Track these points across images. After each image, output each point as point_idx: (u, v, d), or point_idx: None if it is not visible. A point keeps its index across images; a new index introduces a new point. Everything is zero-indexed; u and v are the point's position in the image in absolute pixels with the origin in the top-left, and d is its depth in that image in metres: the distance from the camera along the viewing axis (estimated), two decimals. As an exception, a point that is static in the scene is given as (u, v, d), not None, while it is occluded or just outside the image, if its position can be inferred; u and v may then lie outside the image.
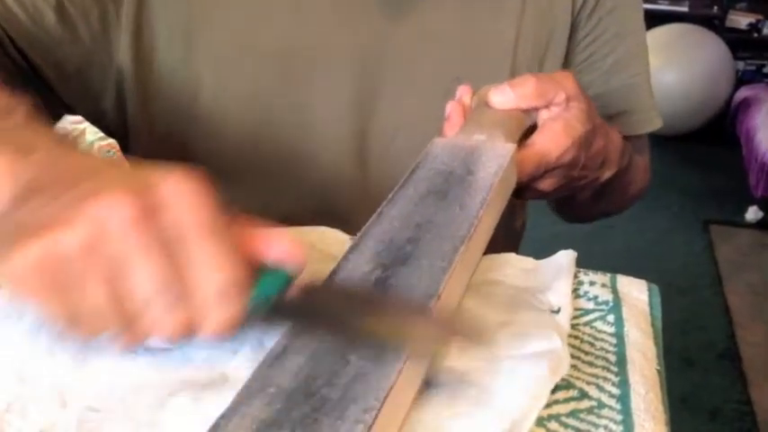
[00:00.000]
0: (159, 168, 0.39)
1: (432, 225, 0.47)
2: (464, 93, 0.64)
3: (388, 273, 0.43)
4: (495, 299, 0.51)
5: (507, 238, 0.89)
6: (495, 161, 0.54)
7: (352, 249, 0.46)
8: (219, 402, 0.39)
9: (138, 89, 0.71)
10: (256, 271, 0.39)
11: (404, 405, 0.39)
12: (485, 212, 0.49)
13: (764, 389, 1.98)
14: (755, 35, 4.00)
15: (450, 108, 0.63)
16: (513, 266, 0.56)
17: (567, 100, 0.61)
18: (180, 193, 0.37)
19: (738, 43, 3.86)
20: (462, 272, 0.46)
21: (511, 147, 0.56)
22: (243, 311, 0.38)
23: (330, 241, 0.59)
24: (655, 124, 0.84)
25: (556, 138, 0.60)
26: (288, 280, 0.40)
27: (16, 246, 0.36)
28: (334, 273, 0.43)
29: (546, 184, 0.64)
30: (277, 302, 0.40)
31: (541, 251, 0.59)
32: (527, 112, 0.62)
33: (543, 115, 0.63)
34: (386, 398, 0.35)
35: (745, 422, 1.86)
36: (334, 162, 0.75)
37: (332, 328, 0.39)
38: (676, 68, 3.47)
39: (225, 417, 0.34)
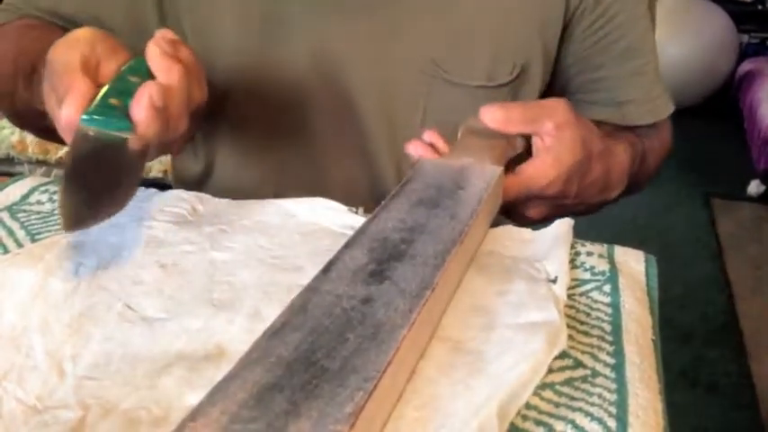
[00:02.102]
0: None
1: (425, 229, 0.48)
2: (432, 136, 0.64)
3: (384, 266, 0.44)
4: (492, 269, 0.51)
5: None
6: (483, 179, 0.56)
7: (347, 245, 0.46)
8: (216, 373, 0.39)
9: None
10: None
11: (403, 376, 0.39)
12: (474, 222, 0.50)
13: (764, 362, 1.99)
14: (759, 7, 3.97)
15: (416, 150, 0.62)
16: (512, 238, 0.56)
17: (557, 128, 0.61)
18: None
19: (742, 16, 3.83)
20: (454, 272, 0.47)
21: (498, 169, 0.58)
22: None
23: (327, 214, 0.59)
24: (665, 110, 0.84)
25: (544, 168, 0.61)
26: None
27: None
28: (330, 264, 0.44)
29: (533, 212, 0.65)
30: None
31: (540, 224, 0.59)
32: (514, 138, 0.63)
33: (538, 144, 0.63)
34: (385, 370, 0.35)
35: (744, 395, 1.87)
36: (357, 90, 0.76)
37: None
38: (679, 41, 3.44)
39: (226, 380, 0.34)
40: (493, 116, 0.61)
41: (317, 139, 0.77)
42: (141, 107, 0.48)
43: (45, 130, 0.69)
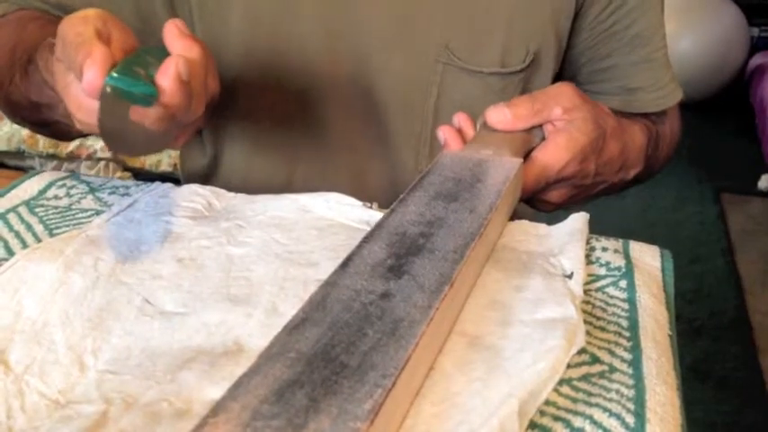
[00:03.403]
0: None
1: (443, 223, 0.48)
2: (462, 120, 0.64)
3: (402, 261, 0.44)
4: (508, 264, 0.51)
5: None
6: (503, 173, 0.56)
7: (366, 239, 0.46)
8: (235, 368, 0.39)
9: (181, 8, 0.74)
10: None
11: (421, 372, 0.39)
12: (493, 215, 0.50)
13: (774, 357, 1.99)
14: (771, 1, 3.94)
15: (445, 133, 0.63)
16: (527, 232, 0.56)
17: (567, 112, 0.62)
18: None
19: (753, 9, 3.80)
20: (473, 267, 0.47)
21: (517, 161, 0.58)
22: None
23: (342, 209, 0.59)
24: (675, 97, 0.83)
25: (556, 152, 0.61)
26: None
27: None
28: (348, 259, 0.44)
29: (554, 196, 0.65)
30: None
31: (554, 218, 0.59)
32: (529, 130, 0.63)
33: (549, 129, 0.63)
34: (403, 367, 0.35)
35: (754, 390, 1.87)
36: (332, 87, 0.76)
37: None
38: (690, 35, 3.42)
39: (247, 375, 0.34)
40: (500, 118, 0.62)
41: (330, 128, 0.77)
42: (168, 76, 0.48)
43: (38, 123, 0.69)
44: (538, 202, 0.66)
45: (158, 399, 0.39)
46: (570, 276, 0.50)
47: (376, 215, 0.57)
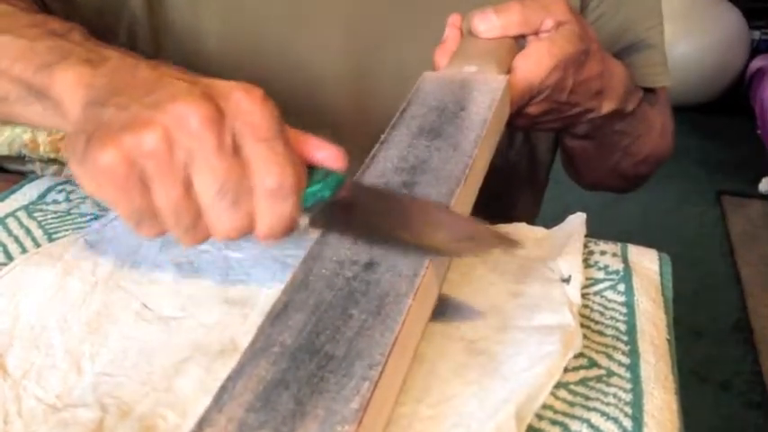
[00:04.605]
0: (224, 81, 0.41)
1: (426, 167, 0.46)
2: (457, 21, 0.62)
3: None
4: (505, 268, 0.51)
5: (532, 189, 0.89)
6: (488, 95, 0.52)
7: None
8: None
9: (149, 35, 0.72)
10: (310, 173, 0.42)
11: (407, 358, 0.39)
12: (479, 151, 0.48)
13: (775, 360, 1.98)
14: (771, 3, 3.94)
15: (448, 32, 0.61)
16: (525, 236, 0.56)
17: (558, 25, 0.59)
18: (247, 100, 0.39)
19: (754, 12, 3.80)
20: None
21: (502, 79, 0.54)
22: (298, 209, 0.41)
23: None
24: (662, 81, 0.81)
25: (539, 59, 0.57)
26: (340, 181, 0.42)
27: (96, 145, 0.38)
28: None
29: (533, 109, 0.61)
30: (331, 203, 0.42)
31: (552, 222, 0.59)
32: (516, 39, 0.59)
33: (531, 36, 0.60)
34: (390, 353, 0.35)
35: (756, 393, 1.87)
36: (334, 106, 0.74)
37: (364, 232, 0.42)
38: (690, 37, 3.42)
39: (231, 378, 0.34)
40: (487, 26, 0.59)
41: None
42: None
43: None
44: (515, 117, 0.61)
45: (153, 411, 0.39)
46: (568, 280, 0.50)
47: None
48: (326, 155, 0.43)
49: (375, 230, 0.42)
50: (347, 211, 0.43)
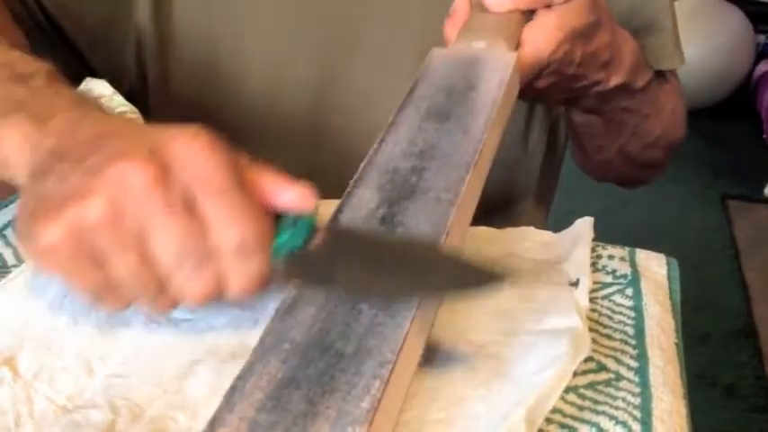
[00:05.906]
0: (171, 126, 0.38)
1: (436, 151, 0.45)
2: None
3: (395, 209, 0.42)
4: (514, 271, 0.51)
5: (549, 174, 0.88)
6: (497, 73, 0.51)
7: (356, 182, 0.44)
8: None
9: (157, 46, 0.71)
10: (277, 221, 0.38)
11: (416, 354, 0.38)
12: (489, 133, 0.47)
13: (781, 364, 1.98)
14: (777, 8, 3.93)
15: (457, 3, 0.59)
16: (532, 240, 0.56)
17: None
18: (192, 150, 0.36)
19: (759, 16, 3.79)
20: (468, 200, 0.45)
21: (512, 56, 0.53)
22: (268, 264, 0.37)
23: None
24: (671, 63, 0.79)
25: (546, 33, 0.56)
26: (310, 226, 0.39)
27: (39, 222, 0.36)
28: (339, 210, 0.42)
29: (542, 82, 0.60)
30: (303, 254, 0.38)
31: (558, 226, 0.59)
32: (524, 14, 0.57)
33: (540, 12, 0.58)
34: (400, 350, 0.35)
35: (760, 398, 1.86)
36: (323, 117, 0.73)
37: (346, 283, 0.38)
38: (696, 41, 3.42)
39: (241, 377, 0.34)
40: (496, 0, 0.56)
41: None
42: None
43: None
44: (521, 90, 0.59)
45: (164, 414, 0.39)
46: (576, 284, 0.50)
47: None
48: (292, 197, 0.38)
49: (357, 282, 0.38)
50: (324, 262, 0.39)
